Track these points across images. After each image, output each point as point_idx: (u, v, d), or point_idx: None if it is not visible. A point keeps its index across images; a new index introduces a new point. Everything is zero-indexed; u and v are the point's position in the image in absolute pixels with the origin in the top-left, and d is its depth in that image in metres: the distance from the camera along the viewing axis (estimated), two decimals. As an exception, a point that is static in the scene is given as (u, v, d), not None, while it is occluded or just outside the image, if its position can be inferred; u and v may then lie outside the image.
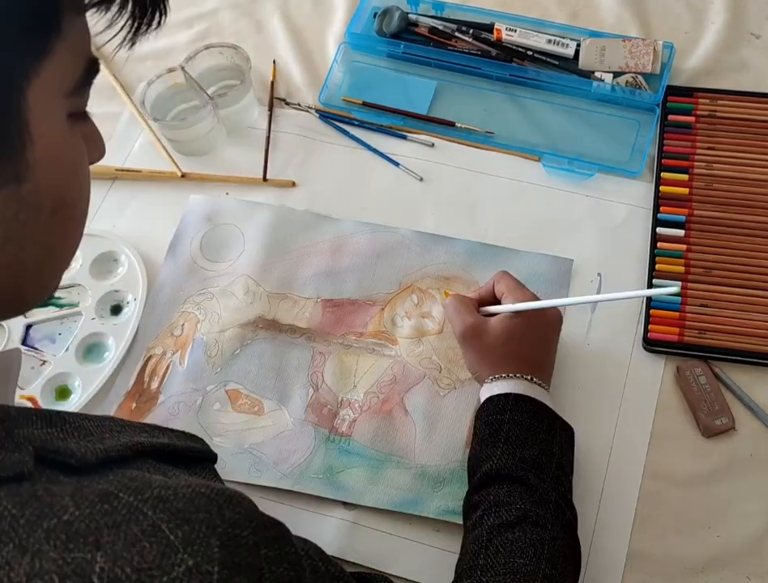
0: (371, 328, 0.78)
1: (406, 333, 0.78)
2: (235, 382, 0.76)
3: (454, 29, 0.94)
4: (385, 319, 0.79)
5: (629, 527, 0.68)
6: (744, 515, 0.68)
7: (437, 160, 0.88)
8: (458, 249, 0.81)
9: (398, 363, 0.76)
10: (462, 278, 0.80)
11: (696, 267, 0.78)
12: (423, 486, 0.70)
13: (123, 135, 0.93)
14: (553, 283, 0.79)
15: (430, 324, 0.78)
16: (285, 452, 0.73)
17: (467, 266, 0.81)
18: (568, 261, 0.80)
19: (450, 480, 0.70)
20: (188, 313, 0.81)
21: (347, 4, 0.99)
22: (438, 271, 0.81)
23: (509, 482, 0.61)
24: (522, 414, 0.64)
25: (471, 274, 0.80)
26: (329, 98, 0.93)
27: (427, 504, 0.69)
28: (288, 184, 0.88)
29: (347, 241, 0.83)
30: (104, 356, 0.80)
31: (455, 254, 0.81)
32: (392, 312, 0.79)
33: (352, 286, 0.80)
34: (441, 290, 0.80)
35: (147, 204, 0.89)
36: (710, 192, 0.82)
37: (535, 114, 0.90)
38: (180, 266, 0.83)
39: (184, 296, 0.82)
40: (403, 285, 0.80)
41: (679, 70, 0.90)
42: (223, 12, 1.01)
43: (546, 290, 0.78)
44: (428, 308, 0.79)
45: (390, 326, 0.78)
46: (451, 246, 0.82)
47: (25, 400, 0.77)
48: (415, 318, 0.79)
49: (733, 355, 0.74)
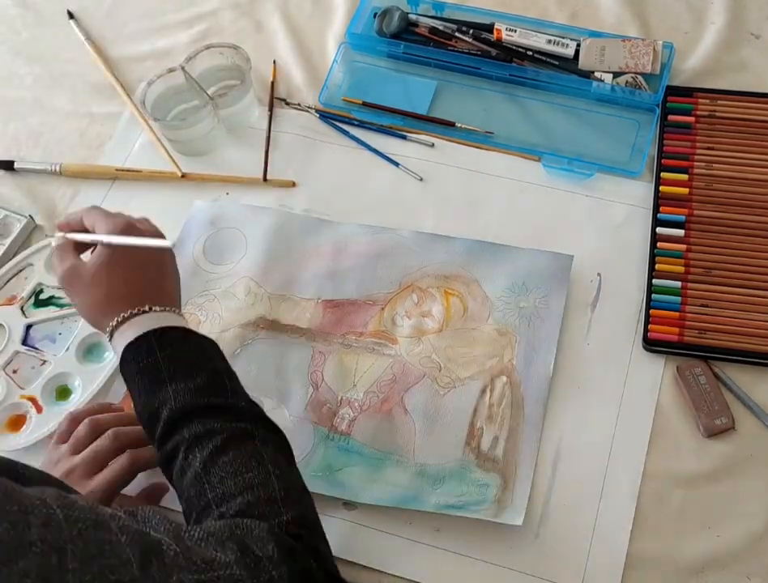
0: (371, 327, 0.79)
1: (406, 332, 0.78)
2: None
3: (454, 29, 0.94)
4: (385, 318, 0.79)
5: (629, 527, 0.68)
6: (744, 515, 0.68)
7: (437, 160, 0.88)
8: (457, 248, 0.82)
9: (398, 362, 0.77)
10: (462, 277, 0.80)
11: (696, 267, 0.78)
12: (422, 484, 0.70)
13: (123, 135, 0.94)
14: (553, 279, 0.79)
15: (430, 323, 0.78)
16: None
17: (466, 264, 0.81)
18: (568, 257, 0.80)
19: (450, 478, 0.70)
20: (189, 314, 0.81)
21: (347, 4, 0.99)
22: (438, 270, 0.81)
23: (197, 414, 0.58)
24: (174, 347, 0.61)
25: (471, 272, 0.80)
26: (329, 98, 0.93)
27: (426, 499, 0.69)
28: (288, 184, 0.88)
29: (348, 244, 0.83)
30: (105, 356, 0.80)
31: (455, 253, 0.81)
32: (392, 312, 0.79)
33: (352, 286, 0.81)
34: (441, 289, 0.80)
35: (147, 204, 0.88)
36: (710, 192, 0.82)
37: (535, 114, 0.90)
38: (182, 269, 0.83)
39: (186, 297, 0.81)
40: (403, 285, 0.80)
41: (679, 70, 0.90)
42: (223, 12, 1.02)
43: (545, 286, 0.78)
44: (428, 307, 0.79)
45: (390, 326, 0.79)
46: (450, 245, 0.82)
47: (26, 400, 0.77)
48: (415, 317, 0.79)
49: (733, 355, 0.74)
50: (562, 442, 0.72)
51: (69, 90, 0.98)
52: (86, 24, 1.02)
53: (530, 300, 0.78)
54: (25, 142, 0.94)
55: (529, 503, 0.69)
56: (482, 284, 0.80)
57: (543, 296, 0.78)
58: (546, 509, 0.69)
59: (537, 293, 0.78)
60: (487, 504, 0.69)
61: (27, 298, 0.83)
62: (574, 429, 0.73)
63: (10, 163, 0.92)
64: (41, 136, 0.95)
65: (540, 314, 0.77)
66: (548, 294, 0.78)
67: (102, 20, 1.03)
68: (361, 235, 0.83)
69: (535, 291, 0.78)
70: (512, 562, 0.67)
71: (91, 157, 0.93)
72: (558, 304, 0.78)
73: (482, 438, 0.72)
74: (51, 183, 0.91)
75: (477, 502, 0.69)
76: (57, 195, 0.90)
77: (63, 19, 1.02)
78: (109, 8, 1.04)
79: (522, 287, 0.79)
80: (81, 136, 0.94)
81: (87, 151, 0.93)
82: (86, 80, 0.98)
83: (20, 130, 0.95)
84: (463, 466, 0.71)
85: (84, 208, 0.66)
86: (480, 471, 0.71)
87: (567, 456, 0.71)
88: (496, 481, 0.70)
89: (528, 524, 0.67)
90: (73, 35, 1.01)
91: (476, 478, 0.70)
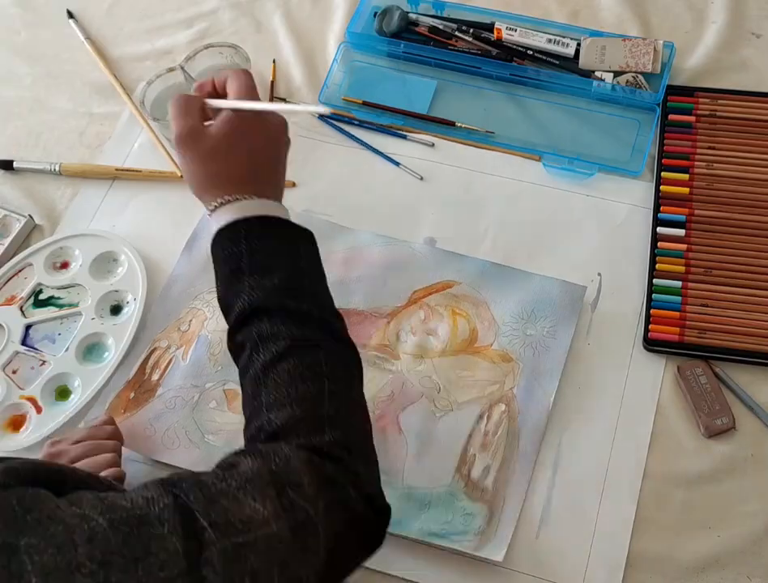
0: (375, 340, 0.77)
1: (409, 349, 0.77)
2: (234, 382, 0.76)
3: (454, 29, 0.94)
4: (390, 332, 0.78)
5: (629, 527, 0.68)
6: (744, 515, 0.68)
7: (437, 160, 0.88)
8: (469, 268, 0.80)
9: (397, 379, 0.75)
10: (471, 297, 0.79)
11: (696, 267, 0.78)
12: (408, 507, 0.69)
13: (123, 135, 0.93)
14: (564, 309, 0.77)
15: (434, 342, 0.77)
16: None
17: (477, 285, 0.79)
18: (581, 287, 0.78)
19: (437, 504, 0.69)
20: (197, 310, 0.81)
21: (347, 4, 0.99)
22: (448, 288, 0.80)
23: (267, 314, 0.57)
24: (260, 239, 0.59)
25: (481, 293, 0.79)
26: (329, 98, 0.93)
27: (410, 524, 0.68)
28: (288, 184, 0.88)
29: (361, 252, 0.82)
30: (104, 356, 0.79)
31: (466, 273, 0.80)
32: (398, 326, 0.78)
33: (360, 296, 0.80)
34: (450, 308, 0.78)
35: (146, 204, 0.89)
36: (711, 191, 0.82)
37: (535, 114, 0.90)
38: (194, 263, 0.83)
39: (195, 292, 0.82)
40: (411, 299, 0.79)
41: (679, 69, 0.90)
42: (223, 12, 1.01)
43: (554, 315, 0.76)
44: (434, 325, 0.78)
45: (393, 340, 0.77)
46: (463, 264, 0.80)
47: (25, 400, 0.77)
48: (420, 334, 0.77)
49: (734, 355, 0.74)
50: (563, 442, 0.72)
51: (68, 90, 0.98)
52: (85, 24, 1.02)
53: (537, 328, 0.76)
54: (24, 141, 0.94)
55: (529, 503, 0.69)
56: (491, 307, 0.78)
57: (551, 326, 0.76)
58: (547, 510, 0.69)
59: (545, 322, 0.76)
60: (470, 536, 0.67)
61: (26, 298, 0.83)
62: (575, 429, 0.73)
63: (10, 162, 0.92)
64: (41, 136, 0.95)
65: (547, 344, 0.75)
66: (556, 324, 0.76)
67: (102, 20, 1.03)
68: (374, 245, 0.82)
69: (543, 319, 0.76)
70: (513, 562, 0.67)
71: (91, 157, 0.92)
72: (566, 335, 0.76)
73: (473, 466, 0.71)
74: (50, 183, 0.91)
75: (460, 532, 0.68)
76: (56, 195, 0.90)
77: (63, 18, 1.02)
78: (109, 8, 1.04)
79: (531, 315, 0.77)
80: (80, 136, 0.94)
81: (86, 151, 0.93)
82: (85, 80, 0.98)
83: (20, 130, 0.95)
84: (451, 493, 0.69)
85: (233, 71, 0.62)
86: (467, 500, 0.69)
87: (568, 456, 0.71)
88: (482, 512, 0.68)
89: (529, 524, 0.67)
90: (72, 35, 1.01)
91: (463, 506, 0.69)
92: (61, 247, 0.85)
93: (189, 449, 0.73)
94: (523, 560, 0.67)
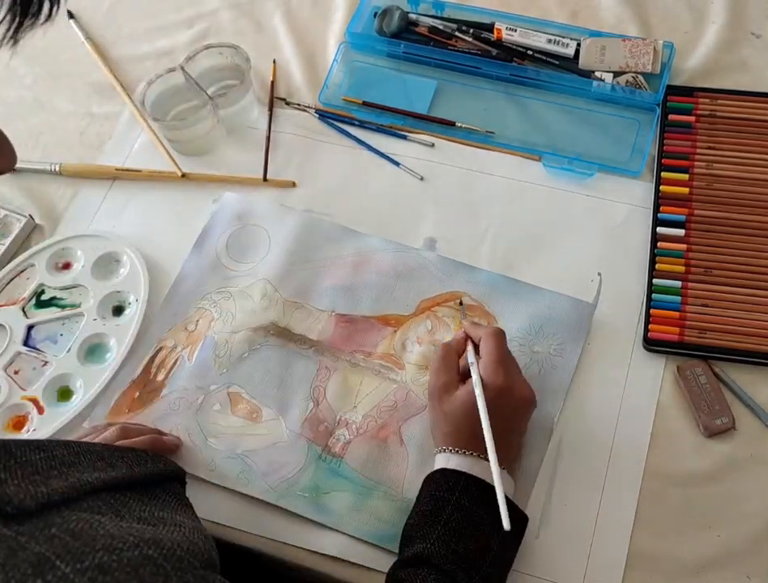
0: (380, 349, 0.77)
1: (414, 359, 0.76)
2: (238, 385, 0.76)
3: (454, 29, 0.94)
4: (396, 342, 0.77)
5: (629, 527, 0.68)
6: (744, 515, 0.68)
7: (437, 160, 0.88)
8: (479, 279, 0.79)
9: (401, 389, 0.75)
10: (479, 309, 0.78)
11: (696, 267, 0.78)
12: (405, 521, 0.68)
13: (123, 135, 0.94)
14: (572, 327, 0.76)
15: None
16: (276, 464, 0.72)
17: (486, 298, 0.78)
18: (590, 305, 0.77)
19: None
20: (204, 310, 0.81)
21: (347, 4, 0.99)
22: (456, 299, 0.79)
23: (437, 572, 0.58)
24: (470, 499, 0.61)
25: (490, 305, 0.78)
26: (329, 98, 0.93)
27: None
28: (288, 184, 0.88)
29: (370, 258, 0.82)
30: (106, 357, 0.80)
31: (476, 284, 0.79)
32: (404, 336, 0.78)
33: (368, 303, 0.79)
34: (457, 319, 0.78)
35: (147, 204, 0.89)
36: (711, 191, 0.82)
37: (535, 114, 0.90)
38: (203, 261, 0.83)
39: (203, 291, 0.82)
40: (419, 308, 0.79)
41: (679, 69, 0.90)
42: (223, 12, 1.01)
43: (563, 333, 0.76)
44: (440, 336, 0.77)
45: (399, 350, 0.77)
46: (473, 275, 0.80)
47: (27, 401, 0.77)
48: (425, 345, 0.77)
49: (734, 355, 0.74)
50: (563, 442, 0.72)
51: (68, 90, 0.98)
52: (85, 24, 1.02)
53: (545, 345, 0.75)
54: (25, 141, 0.94)
55: (529, 503, 0.69)
56: (499, 320, 0.77)
57: (559, 344, 0.75)
58: (547, 509, 0.69)
59: (553, 340, 0.75)
60: None
61: (28, 298, 0.83)
62: (575, 429, 0.73)
63: (10, 163, 0.92)
64: (41, 136, 0.95)
65: (554, 362, 0.75)
66: (564, 342, 0.75)
67: (102, 20, 1.03)
68: (385, 250, 0.82)
69: (551, 337, 0.76)
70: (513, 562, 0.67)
71: (91, 157, 0.93)
72: (573, 354, 0.75)
73: None
74: (51, 183, 0.91)
75: None
76: (56, 195, 0.90)
77: (63, 18, 1.02)
78: (109, 8, 1.04)
79: (539, 331, 0.76)
80: (81, 136, 0.94)
81: (86, 151, 0.93)
82: (85, 80, 0.98)
83: (20, 130, 0.95)
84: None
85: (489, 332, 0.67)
86: None
87: (567, 455, 0.72)
88: None
89: (529, 524, 0.67)
90: (73, 35, 1.01)
91: None
92: (63, 248, 0.85)
93: (192, 452, 0.73)
94: (523, 560, 0.67)
